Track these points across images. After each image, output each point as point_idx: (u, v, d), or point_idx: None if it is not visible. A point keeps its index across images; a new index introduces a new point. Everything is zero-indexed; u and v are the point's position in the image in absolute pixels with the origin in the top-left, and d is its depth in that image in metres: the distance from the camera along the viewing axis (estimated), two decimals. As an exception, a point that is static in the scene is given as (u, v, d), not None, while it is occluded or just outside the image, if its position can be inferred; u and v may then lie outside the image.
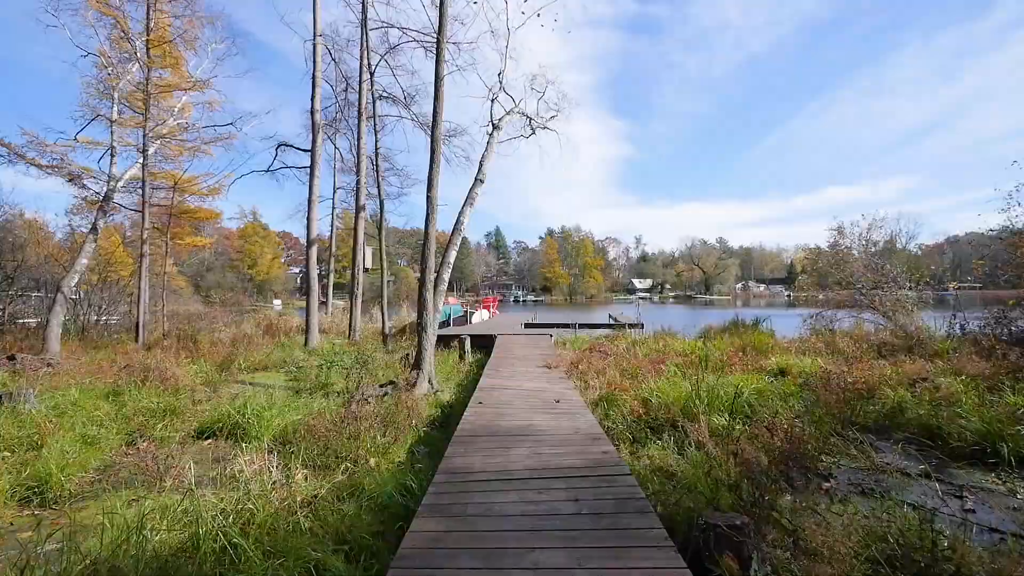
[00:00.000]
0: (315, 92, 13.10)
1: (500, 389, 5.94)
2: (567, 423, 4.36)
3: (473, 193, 9.72)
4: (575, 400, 5.46)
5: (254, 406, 5.33)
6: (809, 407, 5.41)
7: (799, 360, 8.05)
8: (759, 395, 5.76)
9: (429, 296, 6.61)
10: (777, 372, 7.62)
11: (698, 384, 5.83)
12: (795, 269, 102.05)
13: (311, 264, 12.78)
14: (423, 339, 6.52)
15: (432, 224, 6.65)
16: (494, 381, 6.39)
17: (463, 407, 5.31)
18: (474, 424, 4.31)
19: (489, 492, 2.80)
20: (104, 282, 17.59)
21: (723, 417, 5.01)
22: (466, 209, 9.47)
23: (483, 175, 10.06)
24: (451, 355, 10.08)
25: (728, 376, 6.98)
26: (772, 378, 7.16)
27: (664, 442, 4.66)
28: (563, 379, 6.71)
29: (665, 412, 5.26)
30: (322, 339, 13.47)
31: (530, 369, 7.50)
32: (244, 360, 10.34)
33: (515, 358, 8.79)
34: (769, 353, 9.18)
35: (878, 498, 3.66)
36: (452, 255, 8.91)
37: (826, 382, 5.74)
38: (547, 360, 8.33)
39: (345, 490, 3.35)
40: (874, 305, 13.91)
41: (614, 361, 8.71)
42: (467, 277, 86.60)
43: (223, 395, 7.35)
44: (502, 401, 5.35)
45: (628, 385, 6.34)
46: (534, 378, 6.73)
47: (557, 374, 7.14)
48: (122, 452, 4.94)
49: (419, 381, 6.36)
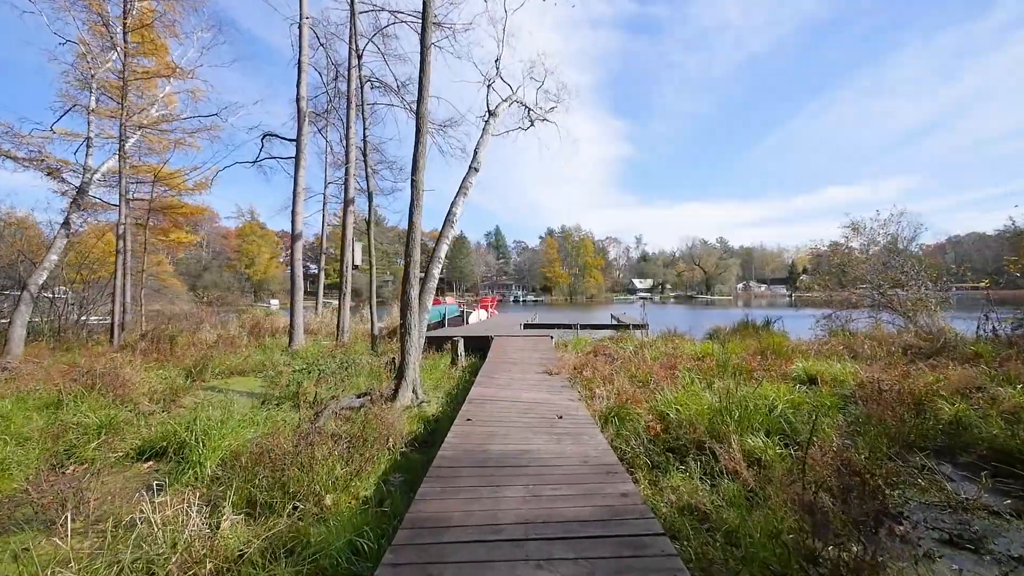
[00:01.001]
0: (301, 78, 12.30)
1: (493, 401, 5.14)
2: (572, 448, 3.56)
3: (467, 183, 8.94)
4: (581, 415, 4.66)
5: (205, 421, 4.53)
6: (857, 424, 4.60)
7: (827, 365, 7.24)
8: (794, 408, 4.96)
9: (414, 293, 5.81)
10: (806, 379, 6.80)
11: (724, 396, 5.04)
12: (796, 269, 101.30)
13: (295, 261, 11.99)
14: (407, 343, 5.71)
15: (418, 211, 5.86)
16: (487, 391, 5.59)
17: (451, 422, 4.52)
18: (457, 450, 3.50)
19: (467, 564, 2.00)
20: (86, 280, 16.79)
21: (757, 437, 4.22)
22: (459, 200, 8.69)
23: (478, 163, 9.28)
24: (443, 358, 9.28)
25: (751, 384, 6.19)
26: (801, 387, 6.36)
27: (689, 468, 3.87)
28: (565, 387, 5.91)
29: (688, 430, 4.47)
30: (308, 341, 12.67)
31: (528, 376, 6.70)
32: (219, 363, 9.54)
33: (512, 362, 7.99)
34: (790, 357, 8.37)
35: (972, 550, 2.87)
36: (443, 249, 8.12)
37: (876, 393, 4.92)
38: (547, 365, 7.54)
39: (284, 544, 2.55)
40: (892, 305, 13.15)
41: (621, 366, 7.92)
42: (467, 277, 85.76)
43: (186, 404, 6.56)
44: (494, 417, 4.55)
45: (640, 395, 5.55)
46: (532, 387, 5.93)
47: (559, 381, 6.34)
48: (43, 478, 4.15)
49: (401, 391, 5.56)
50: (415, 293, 5.84)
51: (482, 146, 9.62)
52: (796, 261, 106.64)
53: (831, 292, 15.52)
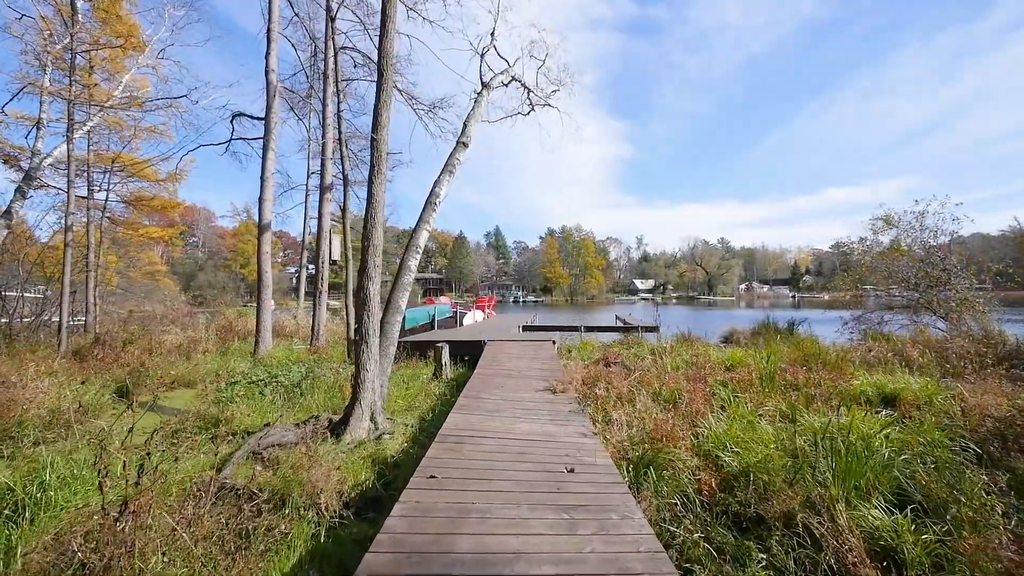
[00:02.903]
0: (270, 48, 10.88)
1: (475, 438, 3.69)
2: (597, 545, 2.11)
3: (454, 159, 7.51)
4: (600, 464, 3.20)
5: (48, 474, 3.08)
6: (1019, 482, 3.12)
7: (901, 381, 5.77)
8: (898, 450, 3.50)
9: (374, 289, 4.36)
10: (878, 400, 5.34)
11: (791, 430, 3.60)
12: (799, 269, 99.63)
13: (263, 255, 10.54)
14: (363, 355, 4.25)
15: (379, 178, 4.43)
16: (470, 419, 4.14)
17: (416, 465, 3.09)
18: (400, 549, 2.05)
19: None
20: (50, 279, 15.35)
21: (872, 504, 2.78)
22: (444, 179, 7.26)
23: (467, 138, 7.86)
24: (425, 368, 7.82)
25: (813, 407, 4.74)
26: (877, 409, 4.92)
27: (776, 557, 2.44)
28: (574, 413, 4.47)
29: (758, 486, 3.02)
30: (277, 345, 11.22)
31: (525, 394, 5.26)
32: (164, 373, 8.09)
33: (507, 374, 6.54)
34: (842, 368, 6.91)
35: None
36: (422, 237, 6.69)
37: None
38: (550, 379, 6.09)
39: None
40: (932, 306, 11.73)
41: (640, 379, 6.47)
42: (466, 277, 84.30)
43: (93, 430, 5.11)
44: (473, 468, 3.10)
45: (674, 425, 4.10)
46: (531, 411, 4.49)
47: (565, 402, 4.91)
48: None
49: (354, 420, 4.11)
50: (375, 287, 4.39)
51: (472, 119, 8.20)
52: (798, 261, 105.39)
53: (860, 292, 14.15)
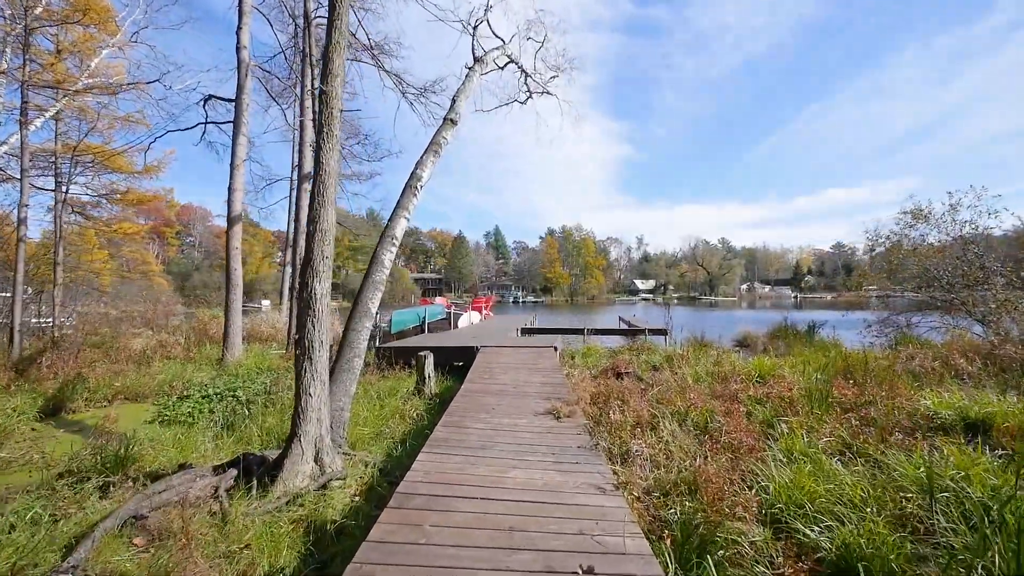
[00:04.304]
0: (242, 23, 9.84)
1: (447, 497, 2.63)
2: None
3: (440, 138, 6.48)
4: (633, 554, 2.14)
5: None
6: None
7: (981, 399, 4.71)
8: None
9: (321, 288, 3.28)
10: (960, 425, 4.28)
11: (887, 482, 2.57)
12: (801, 270, 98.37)
13: (232, 252, 9.48)
14: (304, 376, 3.16)
15: (330, 143, 3.37)
16: (445, 463, 3.09)
17: (371, 522, 2.05)
18: None
19: None
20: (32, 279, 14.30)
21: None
22: (428, 159, 6.22)
23: (456, 114, 6.84)
24: (407, 380, 6.76)
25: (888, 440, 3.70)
26: (964, 439, 3.87)
27: None
28: (585, 450, 3.43)
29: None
30: (249, 351, 10.15)
31: (522, 420, 4.21)
32: (107, 385, 7.03)
33: (500, 391, 5.48)
34: (893, 382, 5.82)
35: None
36: (400, 227, 5.65)
37: None
38: (552, 396, 5.04)
39: None
40: (967, 307, 10.69)
41: (659, 395, 5.43)
42: (465, 277, 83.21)
43: None
44: (437, 564, 2.05)
45: (717, 472, 3.06)
46: (528, 448, 3.45)
47: (572, 431, 3.87)
48: None
49: (290, 463, 3.03)
50: (325, 287, 3.32)
51: (462, 95, 7.18)
52: (800, 262, 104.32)
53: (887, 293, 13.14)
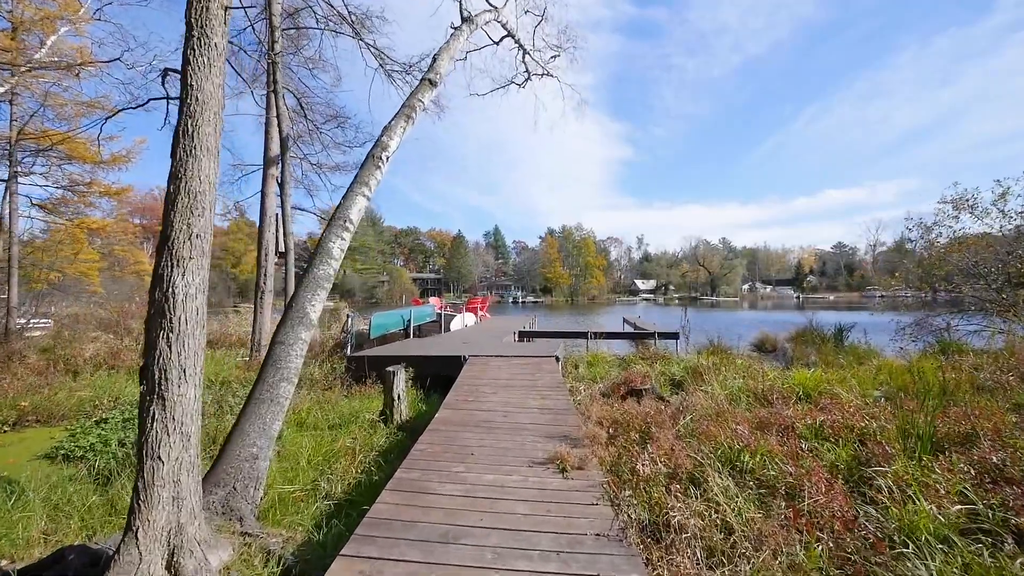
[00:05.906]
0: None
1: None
2: None
3: (415, 100, 5.22)
4: None
5: None
6: None
7: None
8: None
9: (185, 285, 2.05)
10: None
11: None
12: (803, 270, 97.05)
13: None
14: (151, 428, 1.92)
15: (202, 50, 2.16)
16: (386, 571, 1.86)
17: None
18: None
19: None
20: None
21: None
22: (397, 125, 4.96)
23: (436, 75, 5.59)
24: (375, 401, 5.49)
25: None
26: None
27: None
28: (607, 542, 2.17)
29: None
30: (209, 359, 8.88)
31: (512, 477, 2.96)
32: (12, 402, 5.77)
33: (486, 423, 4.20)
34: (987, 407, 4.55)
35: None
36: (357, 205, 4.39)
37: None
38: (555, 432, 3.78)
39: None
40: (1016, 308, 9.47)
41: (692, 426, 4.18)
42: (465, 277, 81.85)
43: None
44: None
45: None
46: (520, 538, 2.21)
47: (585, 498, 2.63)
48: None
49: (124, 561, 1.79)
50: (193, 284, 2.06)
51: (444, 53, 5.92)
52: (802, 262, 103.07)
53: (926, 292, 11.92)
